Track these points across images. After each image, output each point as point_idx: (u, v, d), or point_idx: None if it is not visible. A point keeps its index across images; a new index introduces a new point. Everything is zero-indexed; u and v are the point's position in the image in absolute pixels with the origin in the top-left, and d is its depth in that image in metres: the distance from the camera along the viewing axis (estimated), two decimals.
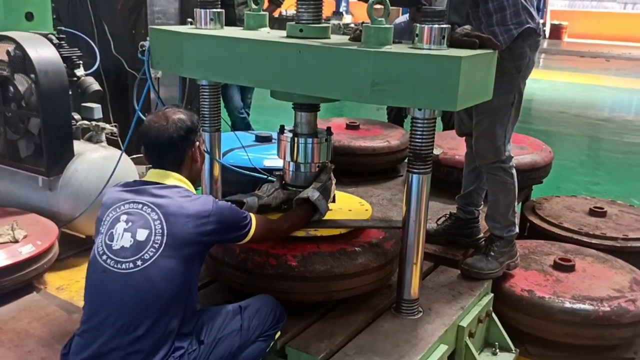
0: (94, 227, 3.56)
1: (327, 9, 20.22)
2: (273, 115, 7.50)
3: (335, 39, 2.40)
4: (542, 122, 8.04)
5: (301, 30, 2.36)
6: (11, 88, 3.42)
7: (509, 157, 2.77)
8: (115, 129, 3.69)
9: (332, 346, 2.24)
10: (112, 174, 3.31)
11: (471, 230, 3.12)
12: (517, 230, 2.88)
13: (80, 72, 3.54)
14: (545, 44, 19.79)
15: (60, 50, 3.41)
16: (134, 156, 3.89)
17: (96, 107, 3.73)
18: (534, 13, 2.57)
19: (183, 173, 2.12)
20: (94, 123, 3.67)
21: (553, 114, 9.00)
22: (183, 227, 1.92)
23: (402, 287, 2.45)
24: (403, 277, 2.43)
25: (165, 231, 1.90)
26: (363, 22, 2.34)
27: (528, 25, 2.53)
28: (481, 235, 3.12)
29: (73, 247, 3.64)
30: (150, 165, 2.15)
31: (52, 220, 3.38)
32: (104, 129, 3.65)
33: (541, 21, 2.66)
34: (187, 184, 2.09)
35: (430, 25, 2.11)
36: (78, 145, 3.51)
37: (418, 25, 2.14)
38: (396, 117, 5.23)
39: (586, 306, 2.72)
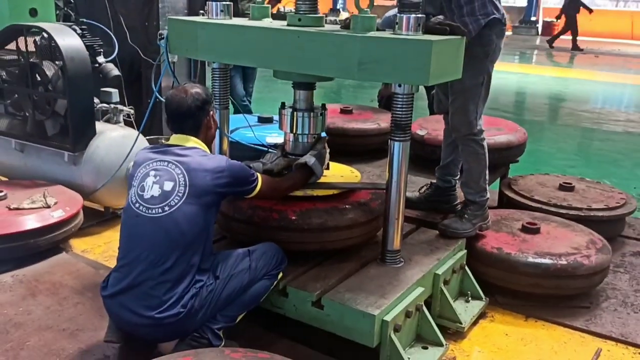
0: (114, 198, 3.98)
1: (324, 5, 20.64)
2: (270, 106, 7.93)
3: (328, 27, 2.81)
4: (527, 113, 8.47)
5: (299, 20, 2.76)
6: (38, 73, 3.81)
7: (480, 131, 3.18)
8: (132, 111, 4.10)
9: (326, 286, 2.65)
10: (130, 151, 3.72)
11: (449, 197, 3.53)
12: (488, 195, 3.29)
13: (101, 59, 3.95)
14: (537, 40, 20.22)
15: (83, 39, 3.81)
16: (148, 137, 4.29)
17: (114, 91, 4.13)
18: (499, 5, 2.98)
19: (199, 138, 2.53)
20: (112, 106, 4.07)
21: (538, 105, 9.43)
22: (202, 179, 2.33)
23: (386, 240, 2.85)
24: (387, 231, 2.84)
25: (188, 183, 2.32)
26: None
27: (494, 16, 2.94)
28: (458, 201, 3.53)
29: (94, 217, 4.04)
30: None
31: (76, 192, 3.78)
32: (122, 110, 4.05)
33: (506, 15, 3.07)
34: (203, 147, 2.51)
35: (408, 15, 2.52)
36: (99, 125, 3.90)
37: (398, 15, 2.55)
38: (386, 104, 5.63)
39: (546, 260, 3.13)
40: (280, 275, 2.61)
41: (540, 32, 22.56)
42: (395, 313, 2.53)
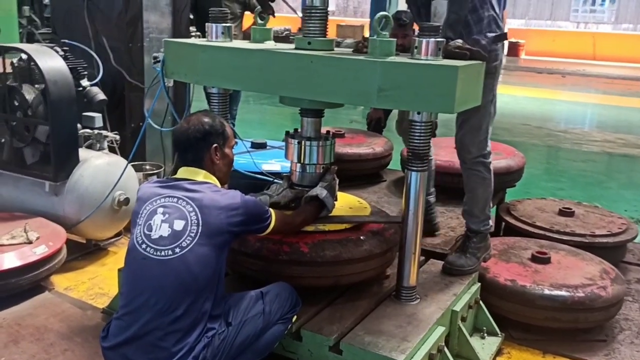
0: (98, 230, 3.73)
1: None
2: (252, 128, 7.78)
3: (339, 50, 2.66)
4: (506, 134, 8.45)
5: (309, 43, 2.61)
6: (17, 97, 3.55)
7: (489, 153, 3.05)
8: (117, 137, 3.86)
9: (343, 328, 2.46)
10: (118, 180, 3.49)
11: (430, 217, 3.42)
12: (491, 224, 3.15)
13: (85, 82, 3.71)
14: (504, 60, 20.54)
15: (66, 61, 3.57)
16: (132, 163, 4.05)
17: (97, 116, 3.88)
18: (501, 23, 2.91)
19: (207, 171, 2.33)
20: (95, 131, 3.83)
21: (516, 125, 9.45)
22: (216, 217, 2.13)
23: (402, 275, 2.69)
24: (403, 266, 2.68)
25: (201, 222, 2.11)
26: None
27: (499, 32, 2.87)
28: (438, 220, 3.48)
29: (75, 251, 3.77)
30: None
31: (57, 224, 3.52)
32: (107, 137, 3.81)
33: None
34: (214, 181, 2.31)
35: (428, 39, 2.38)
36: (82, 152, 3.66)
37: (417, 38, 2.41)
38: (375, 127, 5.50)
39: (563, 293, 3.01)
40: (295, 318, 2.42)
41: (505, 52, 22.95)
42: (420, 357, 2.36)
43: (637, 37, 23.42)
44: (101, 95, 3.75)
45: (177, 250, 2.08)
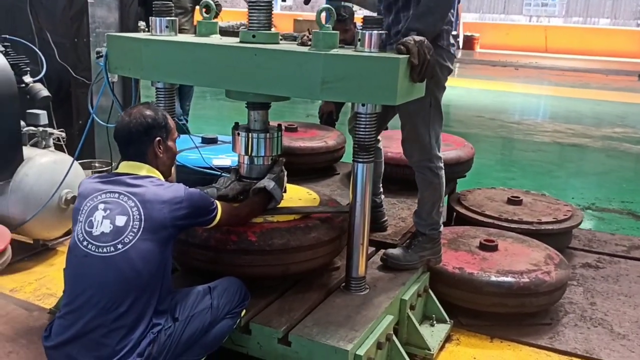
0: (45, 229, 3.66)
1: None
2: (208, 124, 7.71)
3: (284, 43, 2.66)
4: (460, 125, 8.60)
5: (254, 36, 2.60)
6: None
7: (437, 157, 2.97)
8: (63, 134, 3.78)
9: (292, 320, 2.47)
10: (64, 178, 3.41)
11: (376, 215, 3.32)
12: (441, 229, 3.09)
13: (28, 78, 3.62)
14: (459, 54, 20.83)
15: (7, 57, 3.47)
16: (80, 161, 3.97)
17: (42, 113, 3.80)
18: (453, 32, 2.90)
19: (150, 165, 2.30)
20: (40, 129, 3.74)
21: (470, 117, 9.62)
22: (159, 212, 2.11)
23: (351, 266, 2.72)
24: (351, 257, 2.70)
25: (143, 217, 2.09)
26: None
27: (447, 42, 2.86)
28: (385, 218, 3.45)
29: (22, 251, 3.69)
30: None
31: (2, 224, 3.42)
32: (52, 134, 3.73)
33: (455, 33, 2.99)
34: (158, 175, 2.28)
35: (371, 32, 2.41)
36: (27, 150, 3.57)
37: (360, 31, 2.43)
38: (327, 120, 5.52)
39: (509, 279, 3.09)
40: (244, 312, 2.42)
41: (461, 46, 23.27)
42: (368, 346, 2.39)
43: (586, 30, 24.11)
44: (44, 92, 3.66)
45: (120, 246, 2.06)
